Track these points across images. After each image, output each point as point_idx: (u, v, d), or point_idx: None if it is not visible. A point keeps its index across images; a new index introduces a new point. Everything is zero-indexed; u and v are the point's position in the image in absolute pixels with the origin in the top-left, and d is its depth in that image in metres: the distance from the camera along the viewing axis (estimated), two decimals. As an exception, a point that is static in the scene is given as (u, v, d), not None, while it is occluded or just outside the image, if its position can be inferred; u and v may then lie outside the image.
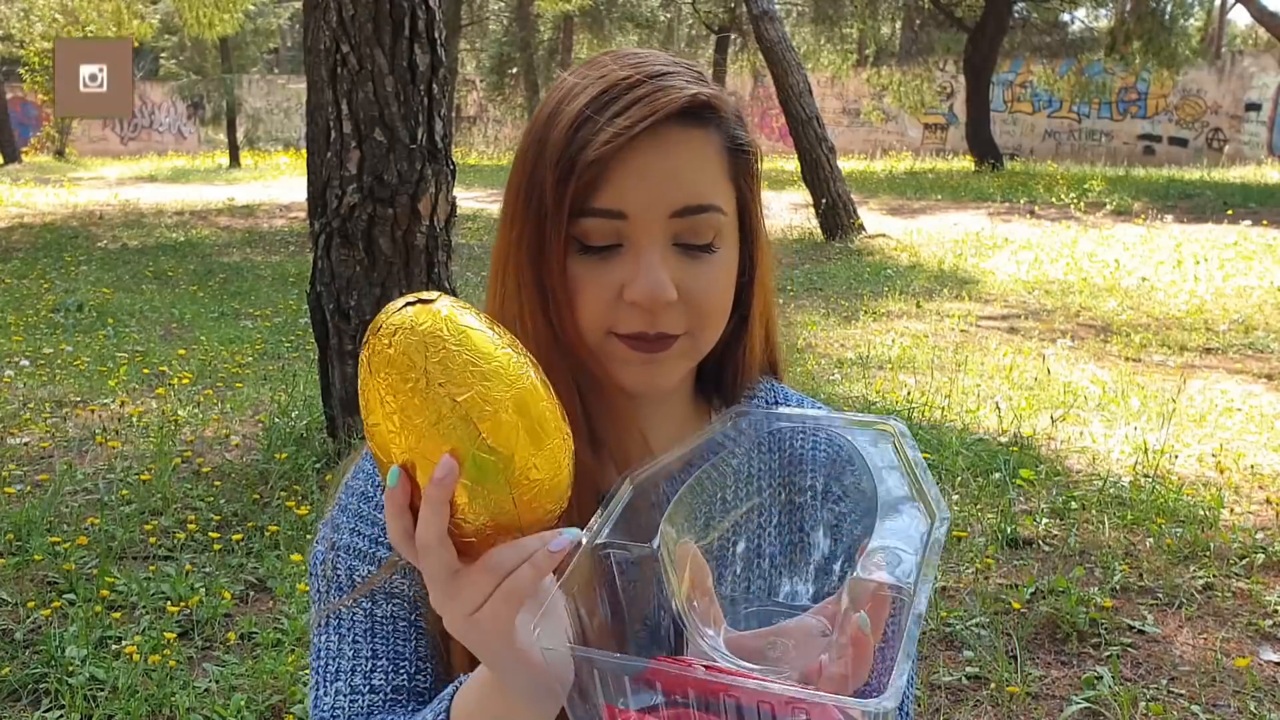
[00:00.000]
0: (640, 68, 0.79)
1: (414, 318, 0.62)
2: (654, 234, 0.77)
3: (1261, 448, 4.36)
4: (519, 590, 0.63)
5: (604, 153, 0.75)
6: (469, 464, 0.61)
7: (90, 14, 17.97)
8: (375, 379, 0.62)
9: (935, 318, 7.19)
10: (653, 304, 0.76)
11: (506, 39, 24.42)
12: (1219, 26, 22.68)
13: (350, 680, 0.82)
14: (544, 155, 0.78)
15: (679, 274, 0.78)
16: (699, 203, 0.78)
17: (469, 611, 0.63)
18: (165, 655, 2.70)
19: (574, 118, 0.77)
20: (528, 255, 0.79)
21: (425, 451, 0.62)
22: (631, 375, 0.80)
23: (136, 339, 6.62)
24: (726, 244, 0.81)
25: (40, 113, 25.14)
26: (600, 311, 0.78)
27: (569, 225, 0.77)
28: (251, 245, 10.95)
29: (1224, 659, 2.75)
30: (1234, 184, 15.52)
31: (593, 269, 0.78)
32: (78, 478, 4.00)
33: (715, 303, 0.81)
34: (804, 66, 11.17)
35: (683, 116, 0.77)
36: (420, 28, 3.86)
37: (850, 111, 24.97)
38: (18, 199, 14.64)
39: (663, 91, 0.77)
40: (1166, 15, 17.65)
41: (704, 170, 0.79)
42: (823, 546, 0.74)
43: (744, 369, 0.90)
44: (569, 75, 0.82)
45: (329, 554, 0.86)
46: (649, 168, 0.76)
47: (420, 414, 0.61)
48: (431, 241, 3.98)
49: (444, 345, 0.62)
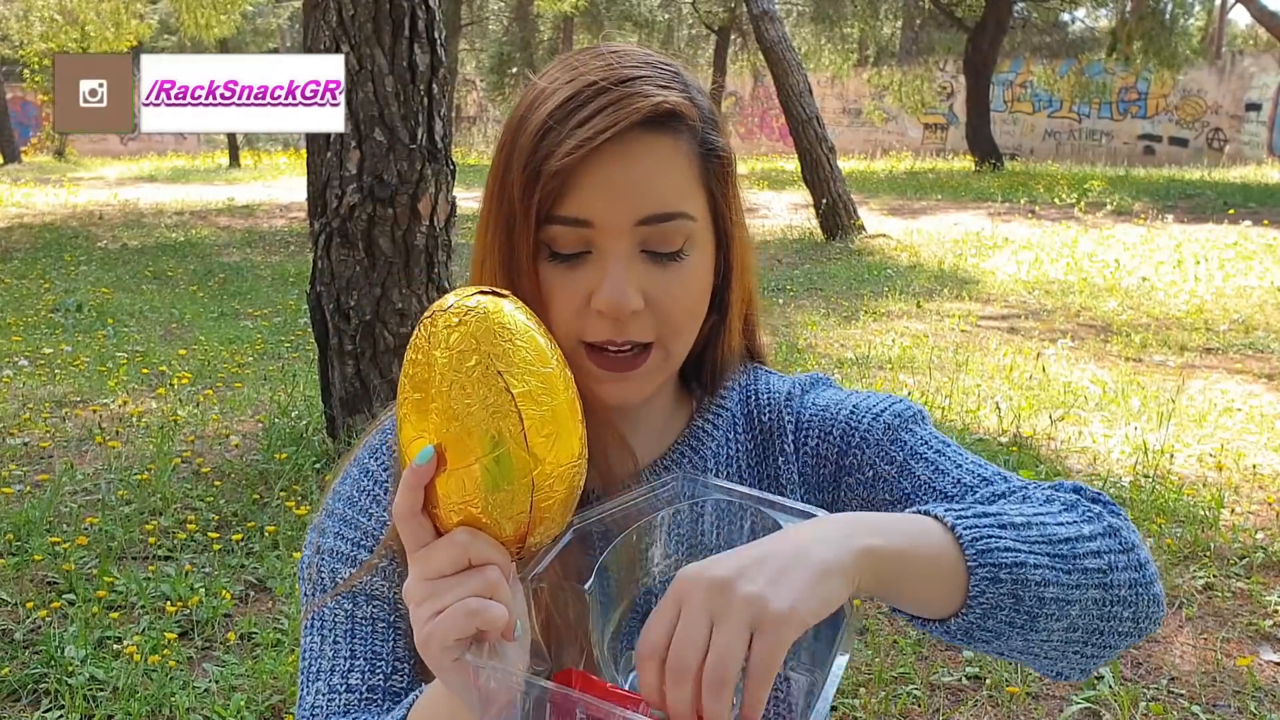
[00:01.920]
0: (611, 71, 0.78)
1: (486, 305, 0.64)
2: (620, 242, 0.77)
3: (1261, 448, 4.36)
4: (486, 620, 0.62)
5: (567, 163, 0.75)
6: (503, 458, 0.62)
7: (89, 14, 17.96)
8: (434, 351, 0.63)
9: (935, 318, 7.18)
10: (617, 313, 0.76)
11: (506, 39, 24.42)
12: (1219, 26, 22.67)
13: (329, 680, 0.83)
14: (513, 161, 0.78)
15: (647, 281, 0.78)
16: (665, 211, 0.77)
17: (435, 609, 0.63)
18: (165, 655, 2.70)
19: (539, 125, 0.77)
20: (500, 260, 0.79)
21: (461, 434, 0.62)
22: (606, 391, 0.81)
23: (136, 339, 6.62)
24: (698, 249, 0.81)
25: (40, 113, 25.14)
26: (569, 318, 0.78)
27: (537, 232, 0.77)
28: (251, 245, 10.95)
29: (1224, 659, 2.74)
30: (1234, 184, 15.52)
31: (562, 276, 0.78)
32: (77, 478, 4.00)
33: (684, 310, 0.80)
34: (804, 66, 11.17)
35: (649, 124, 0.77)
36: (420, 28, 3.86)
37: (850, 111, 24.97)
38: (18, 199, 14.63)
39: (628, 100, 0.76)
40: (1167, 15, 17.66)
41: (671, 177, 0.78)
42: None
43: (721, 364, 0.91)
44: (542, 76, 0.82)
45: (314, 557, 0.87)
46: (614, 177, 0.76)
47: (472, 395, 0.62)
48: (431, 241, 3.98)
49: (512, 337, 0.63)
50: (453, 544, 0.63)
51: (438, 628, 0.62)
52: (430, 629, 0.63)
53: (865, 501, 0.87)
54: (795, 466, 0.89)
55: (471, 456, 0.62)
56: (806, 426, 0.90)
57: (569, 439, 0.64)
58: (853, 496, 0.88)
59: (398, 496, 0.65)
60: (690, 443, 0.90)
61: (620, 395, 0.81)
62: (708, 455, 0.89)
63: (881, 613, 3.04)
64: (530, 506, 0.63)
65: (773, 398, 0.92)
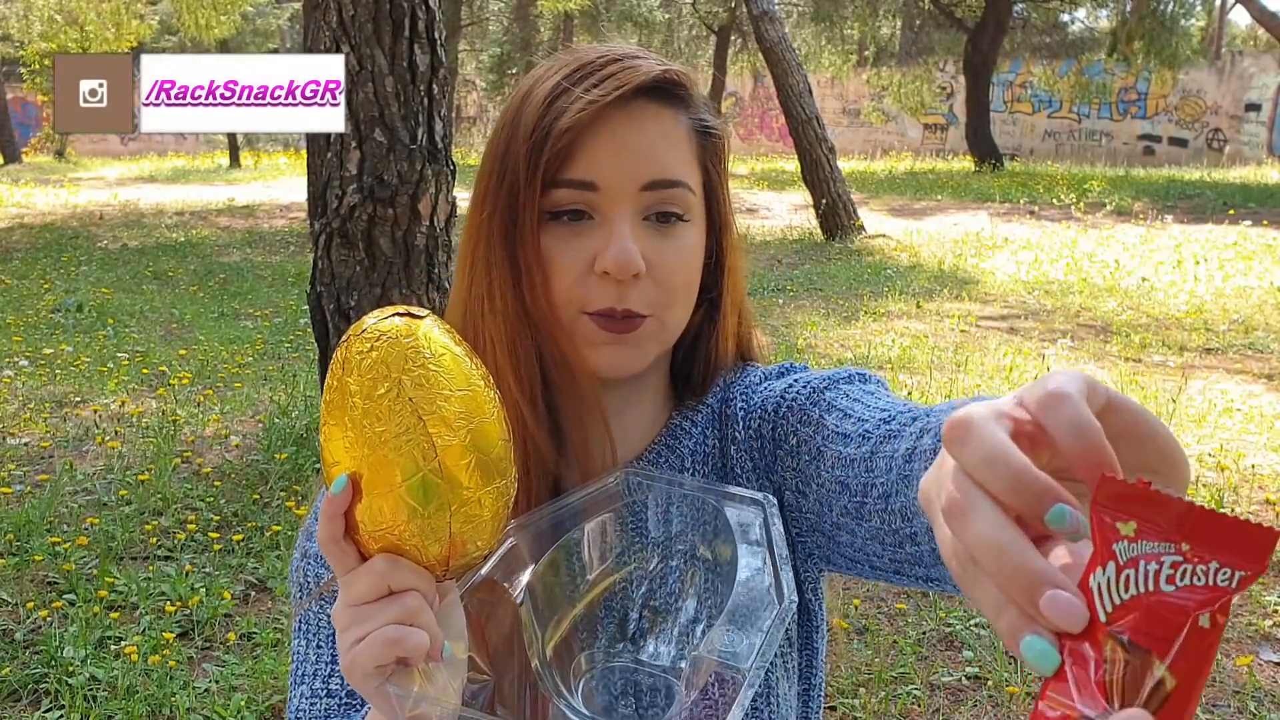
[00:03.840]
0: (611, 50, 0.82)
1: (400, 329, 0.62)
2: (624, 206, 0.78)
3: (1261, 448, 4.37)
4: (406, 649, 0.61)
5: (578, 120, 0.77)
6: (417, 484, 0.61)
7: (89, 14, 17.96)
8: (348, 378, 0.62)
9: (935, 318, 7.19)
10: (622, 273, 0.77)
11: (506, 39, 24.41)
12: (1219, 26, 22.69)
13: (312, 684, 0.84)
14: (518, 132, 0.79)
15: (647, 247, 0.79)
16: (669, 177, 0.79)
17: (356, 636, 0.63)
18: (165, 655, 2.70)
19: (550, 90, 0.79)
20: (500, 231, 0.79)
21: (377, 462, 0.61)
22: (602, 357, 0.80)
23: (136, 339, 6.62)
24: (695, 224, 0.83)
25: (40, 113, 25.14)
26: (571, 284, 0.78)
27: (541, 197, 0.78)
28: (251, 245, 10.95)
29: (1224, 659, 2.75)
30: (1234, 184, 15.52)
31: (565, 241, 0.79)
32: (77, 478, 4.00)
33: (681, 279, 0.81)
34: (804, 67, 11.17)
35: (655, 94, 0.80)
36: (420, 28, 3.86)
37: (850, 112, 24.98)
38: (18, 199, 14.63)
39: (634, 68, 0.79)
40: (1167, 15, 17.66)
41: (674, 147, 0.81)
42: (689, 610, 0.74)
43: (714, 361, 0.90)
44: (539, 68, 0.84)
45: (301, 561, 0.87)
46: (621, 140, 0.78)
47: (384, 422, 0.61)
48: (432, 242, 3.98)
49: (424, 362, 0.62)
50: (371, 572, 0.63)
51: (358, 656, 0.61)
52: (351, 657, 0.62)
53: (795, 472, 0.82)
54: (746, 453, 0.87)
55: (387, 485, 0.61)
56: (752, 410, 0.87)
57: (494, 461, 0.63)
58: (785, 470, 0.83)
59: (318, 524, 0.65)
60: (668, 440, 0.89)
61: (615, 361, 0.81)
62: (685, 453, 0.88)
63: (881, 613, 3.04)
64: (449, 532, 0.62)
65: (742, 389, 0.91)
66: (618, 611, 0.76)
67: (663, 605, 0.76)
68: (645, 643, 0.75)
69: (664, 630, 0.75)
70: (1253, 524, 0.38)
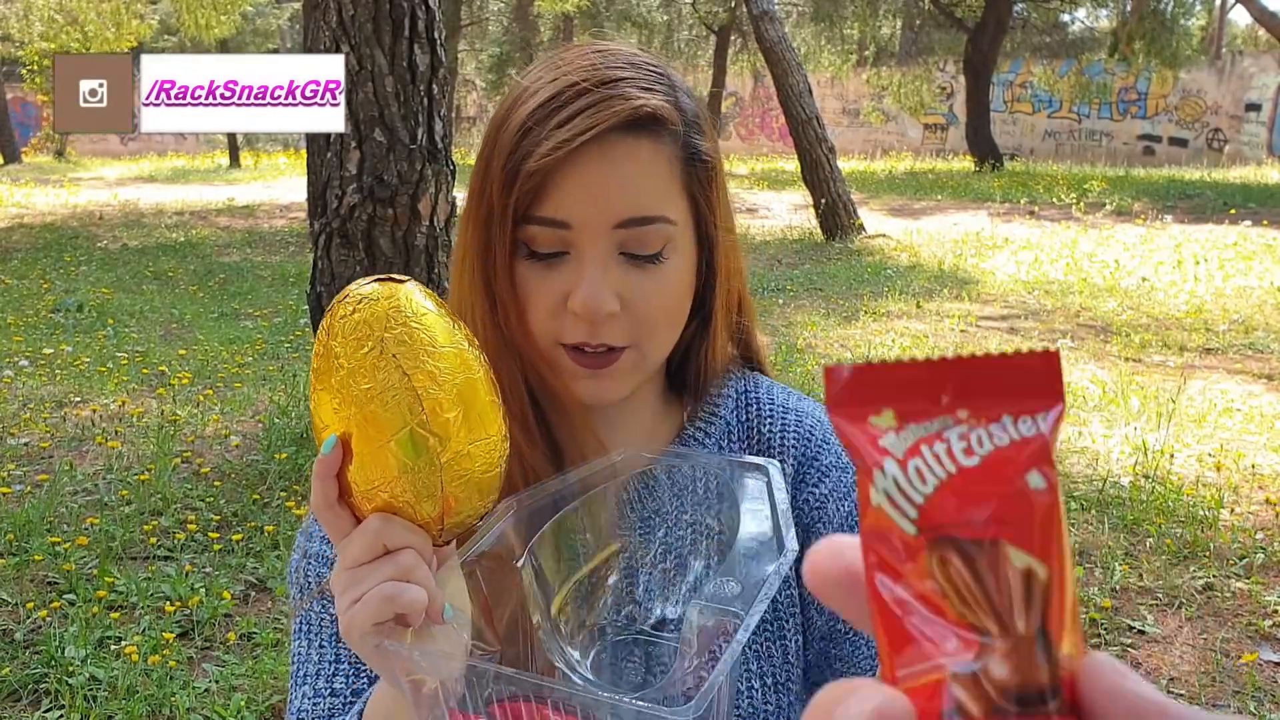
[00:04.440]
0: (594, 72, 0.77)
1: (381, 291, 0.64)
2: (598, 244, 0.76)
3: (1261, 448, 4.36)
4: (402, 604, 0.61)
5: (545, 164, 0.74)
6: (405, 438, 0.62)
7: (89, 14, 17.96)
8: (332, 342, 0.63)
9: (935, 318, 7.18)
10: (592, 316, 0.76)
11: (506, 39, 24.41)
12: (1219, 26, 22.69)
13: (314, 684, 0.83)
14: (493, 158, 0.78)
15: (624, 284, 0.77)
16: (644, 214, 0.77)
17: (353, 597, 0.63)
18: (165, 655, 2.70)
19: (520, 124, 0.76)
20: (478, 258, 0.79)
21: (364, 419, 0.62)
22: (583, 389, 0.80)
23: (136, 339, 6.62)
24: (678, 253, 0.80)
25: (40, 113, 25.14)
26: (545, 318, 0.78)
27: (515, 231, 0.77)
28: (251, 245, 10.95)
29: (1224, 659, 2.75)
30: (1234, 184, 15.52)
31: (539, 276, 0.78)
32: (77, 478, 4.00)
33: (661, 313, 0.79)
34: (804, 67, 11.17)
35: (630, 127, 0.76)
36: (420, 28, 3.86)
37: (850, 112, 24.98)
38: (18, 199, 14.63)
39: (609, 102, 0.75)
40: (1167, 15, 17.66)
41: (651, 181, 0.77)
42: (697, 569, 0.75)
43: (707, 369, 0.90)
44: (526, 74, 0.81)
45: (300, 561, 0.87)
46: (592, 179, 0.75)
47: (369, 379, 0.62)
48: (432, 242, 3.98)
49: (405, 321, 0.63)
50: (365, 532, 0.63)
51: (355, 615, 0.62)
52: (349, 617, 0.62)
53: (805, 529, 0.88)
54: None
55: (376, 443, 0.62)
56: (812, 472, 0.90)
57: (481, 415, 0.64)
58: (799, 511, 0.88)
59: (312, 490, 0.65)
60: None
61: (595, 393, 0.80)
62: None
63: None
64: (440, 488, 0.63)
65: (774, 410, 0.91)
66: (623, 579, 0.76)
67: (671, 569, 0.77)
68: (652, 608, 0.76)
69: (670, 595, 0.76)
70: (1023, 354, 0.31)
